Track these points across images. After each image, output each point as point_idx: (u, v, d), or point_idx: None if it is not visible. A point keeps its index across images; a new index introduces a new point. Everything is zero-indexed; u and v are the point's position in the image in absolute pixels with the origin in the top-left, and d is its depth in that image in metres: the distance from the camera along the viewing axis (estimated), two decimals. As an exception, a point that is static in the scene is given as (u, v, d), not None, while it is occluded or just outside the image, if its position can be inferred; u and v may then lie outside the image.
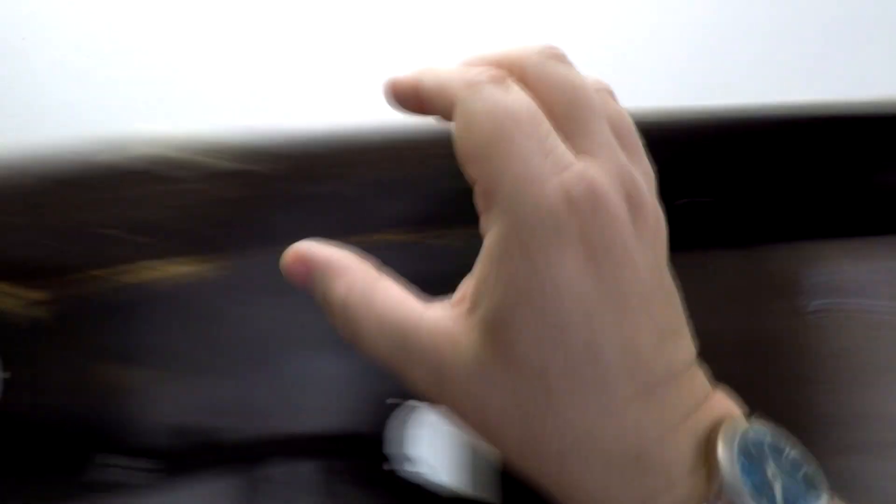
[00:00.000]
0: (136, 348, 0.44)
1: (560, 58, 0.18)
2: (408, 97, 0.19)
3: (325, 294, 0.18)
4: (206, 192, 0.27)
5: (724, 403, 0.17)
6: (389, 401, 0.49)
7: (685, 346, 0.17)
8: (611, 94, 0.19)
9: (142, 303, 0.45)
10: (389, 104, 0.19)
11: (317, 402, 0.48)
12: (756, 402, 0.17)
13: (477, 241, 0.18)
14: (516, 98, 0.16)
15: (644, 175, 0.17)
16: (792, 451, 0.16)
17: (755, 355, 0.33)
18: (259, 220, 0.38)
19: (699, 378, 0.17)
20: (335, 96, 1.22)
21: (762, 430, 0.16)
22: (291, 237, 0.45)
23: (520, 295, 0.15)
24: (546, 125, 0.16)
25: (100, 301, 0.43)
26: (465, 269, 0.18)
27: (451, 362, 0.16)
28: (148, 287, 0.44)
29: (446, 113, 0.17)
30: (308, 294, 0.18)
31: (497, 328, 0.15)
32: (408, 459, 0.48)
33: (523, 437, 0.16)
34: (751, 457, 0.15)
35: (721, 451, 0.15)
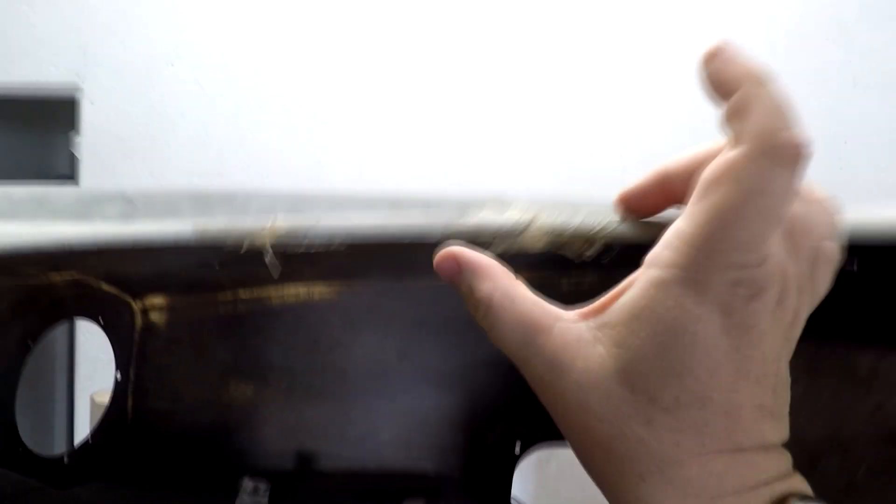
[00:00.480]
0: (265, 367, 0.46)
1: None
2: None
3: (471, 289, 0.20)
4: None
5: (800, 484, 0.18)
6: (517, 448, 0.48)
7: (780, 428, 0.18)
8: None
9: (273, 323, 0.47)
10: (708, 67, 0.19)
11: (424, 438, 0.48)
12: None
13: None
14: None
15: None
16: None
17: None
18: (397, 253, 0.39)
19: (785, 458, 0.18)
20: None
21: None
22: (426, 270, 0.47)
23: (663, 338, 0.17)
24: None
25: (240, 319, 0.45)
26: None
27: (568, 365, 0.18)
28: (284, 309, 0.46)
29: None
30: (452, 287, 0.20)
31: (631, 360, 0.17)
32: (509, 507, 0.48)
33: (612, 452, 0.17)
34: None
35: None
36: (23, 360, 0.34)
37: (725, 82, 0.17)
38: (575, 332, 0.18)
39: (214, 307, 0.46)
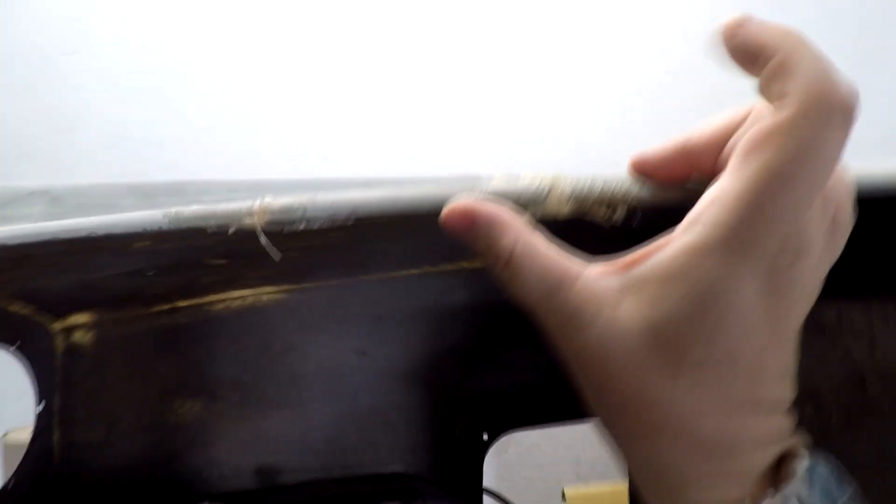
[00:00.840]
0: (212, 380, 0.43)
1: None
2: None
3: (490, 244, 0.19)
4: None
5: (800, 439, 0.19)
6: (486, 437, 0.47)
7: (792, 387, 0.20)
8: None
9: (218, 333, 0.43)
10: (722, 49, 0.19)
11: (391, 438, 0.46)
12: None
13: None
14: None
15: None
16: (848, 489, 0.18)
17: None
18: (353, 249, 0.37)
19: (792, 415, 0.19)
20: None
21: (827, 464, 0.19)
22: (381, 265, 0.45)
23: (700, 299, 0.17)
24: None
25: (181, 331, 0.41)
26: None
27: (591, 319, 0.18)
28: (229, 316, 0.43)
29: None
30: (464, 243, 0.19)
31: (662, 318, 0.17)
32: (485, 496, 0.47)
33: (630, 405, 0.17)
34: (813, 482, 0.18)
35: (796, 466, 0.18)
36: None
37: (759, 47, 0.17)
38: (601, 285, 0.18)
39: (150, 320, 0.42)
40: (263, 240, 0.15)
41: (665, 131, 0.20)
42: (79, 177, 1.14)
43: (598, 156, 1.34)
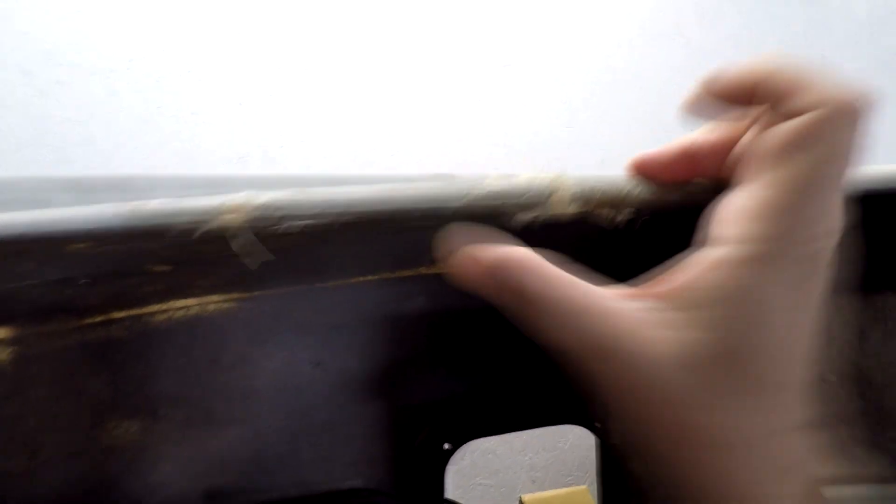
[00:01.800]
0: (153, 397, 0.39)
1: None
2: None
3: (500, 287, 0.18)
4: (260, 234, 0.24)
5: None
6: (446, 446, 0.46)
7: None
8: None
9: (159, 346, 0.40)
10: (702, 105, 0.19)
11: (350, 452, 0.44)
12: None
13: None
14: None
15: None
16: None
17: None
18: (309, 254, 0.35)
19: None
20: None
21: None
22: (337, 271, 0.43)
23: (745, 319, 0.16)
24: None
25: (116, 345, 0.38)
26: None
27: (627, 346, 0.17)
28: (171, 327, 0.40)
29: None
30: (473, 294, 0.18)
31: (708, 344, 0.16)
32: (446, 509, 0.45)
33: (677, 435, 0.17)
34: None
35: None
36: None
37: (754, 79, 0.17)
38: (629, 313, 0.17)
39: (80, 334, 0.38)
40: (241, 244, 0.13)
41: (660, 134, 0.20)
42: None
43: (585, 157, 1.38)
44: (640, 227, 0.18)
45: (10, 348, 0.37)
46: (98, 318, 0.38)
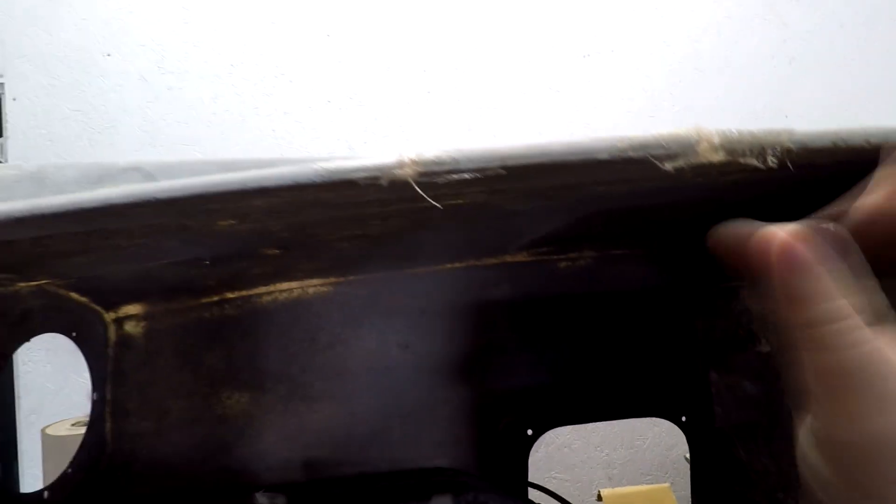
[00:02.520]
0: (259, 372, 0.42)
1: None
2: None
3: (804, 299, 0.16)
4: (363, 214, 0.25)
5: None
6: (529, 432, 0.46)
7: None
8: None
9: (265, 326, 0.43)
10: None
11: (436, 433, 0.46)
12: None
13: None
14: None
15: None
16: None
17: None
18: (405, 239, 0.37)
19: None
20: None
21: None
22: (428, 257, 0.44)
23: None
24: None
25: (229, 323, 0.41)
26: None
27: None
28: (276, 308, 0.43)
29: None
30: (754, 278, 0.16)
31: None
32: (530, 489, 0.46)
33: None
34: None
35: None
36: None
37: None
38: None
39: (199, 312, 0.42)
40: (418, 189, 0.15)
41: (751, 124, 0.19)
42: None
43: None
44: (792, 171, 0.17)
45: (142, 322, 0.42)
46: (214, 298, 0.42)
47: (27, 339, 0.32)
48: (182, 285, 0.39)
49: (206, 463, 0.41)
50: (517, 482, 0.47)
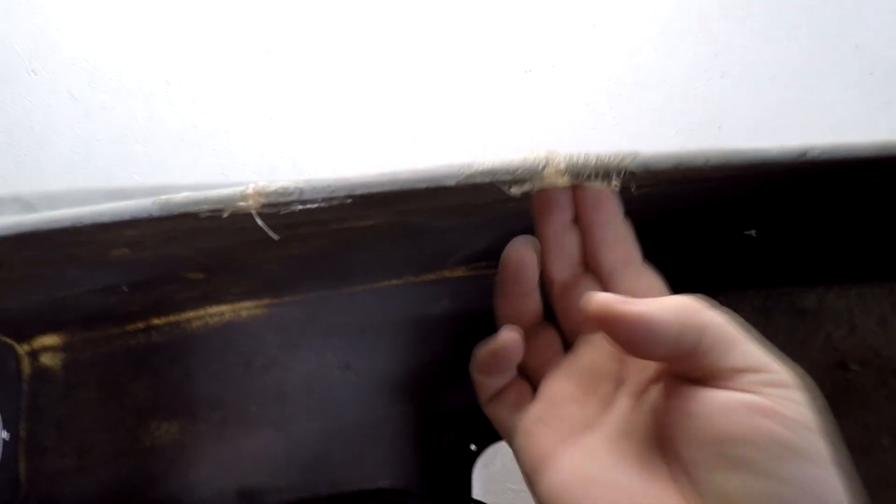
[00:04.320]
0: (190, 400, 0.41)
1: None
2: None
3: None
4: (293, 236, 0.25)
5: None
6: (473, 447, 0.46)
7: None
8: None
9: (196, 351, 0.42)
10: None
11: (378, 452, 0.45)
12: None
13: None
14: None
15: None
16: None
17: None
18: (335, 259, 0.37)
19: None
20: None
21: None
22: (363, 275, 0.44)
23: None
24: None
25: (156, 350, 0.40)
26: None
27: None
28: (207, 333, 0.41)
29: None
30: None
31: None
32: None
33: None
34: None
35: None
36: None
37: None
38: None
39: (123, 340, 0.40)
40: (259, 221, 0.15)
41: (686, 134, 0.20)
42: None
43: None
44: (638, 196, 0.18)
45: (60, 354, 0.39)
46: (139, 325, 0.40)
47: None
48: (102, 313, 0.37)
49: (134, 498, 0.40)
50: (461, 499, 0.47)
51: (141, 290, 0.34)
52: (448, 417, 0.48)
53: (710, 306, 0.19)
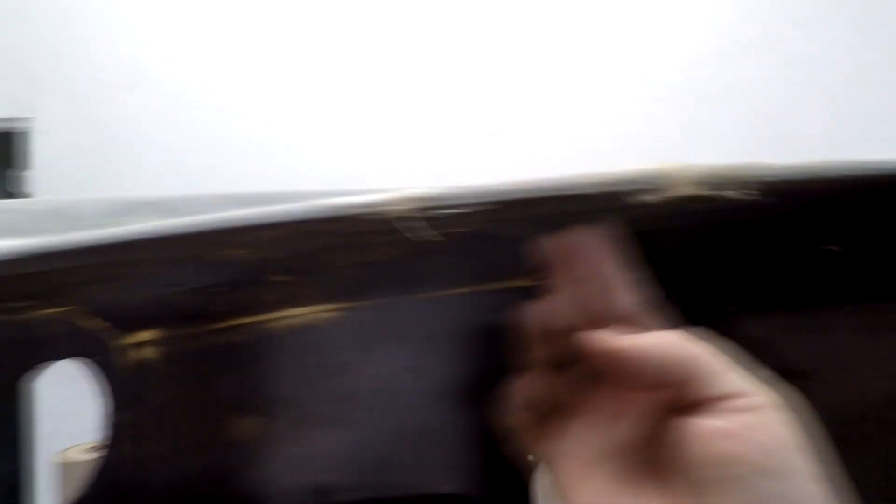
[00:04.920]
0: (269, 398, 0.43)
1: None
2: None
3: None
4: (370, 244, 0.26)
5: None
6: (530, 457, 0.46)
7: None
8: None
9: (276, 351, 0.44)
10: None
11: (445, 458, 0.46)
12: None
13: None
14: None
15: None
16: None
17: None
18: (410, 266, 0.38)
19: None
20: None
21: None
22: (434, 283, 0.45)
23: None
24: None
25: (240, 349, 0.42)
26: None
27: None
28: (286, 334, 0.44)
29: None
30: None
31: None
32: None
33: None
34: None
35: None
36: (14, 407, 0.30)
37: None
38: None
39: (211, 337, 0.43)
40: (417, 228, 0.16)
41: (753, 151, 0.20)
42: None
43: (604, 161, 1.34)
44: (767, 207, 0.18)
45: (158, 347, 0.43)
46: (227, 323, 0.43)
47: (49, 365, 0.33)
48: (196, 311, 0.40)
49: (218, 488, 0.42)
50: (525, 509, 0.47)
51: (233, 291, 0.37)
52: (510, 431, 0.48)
53: (699, 339, 0.20)
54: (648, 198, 0.17)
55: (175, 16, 1.18)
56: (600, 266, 0.23)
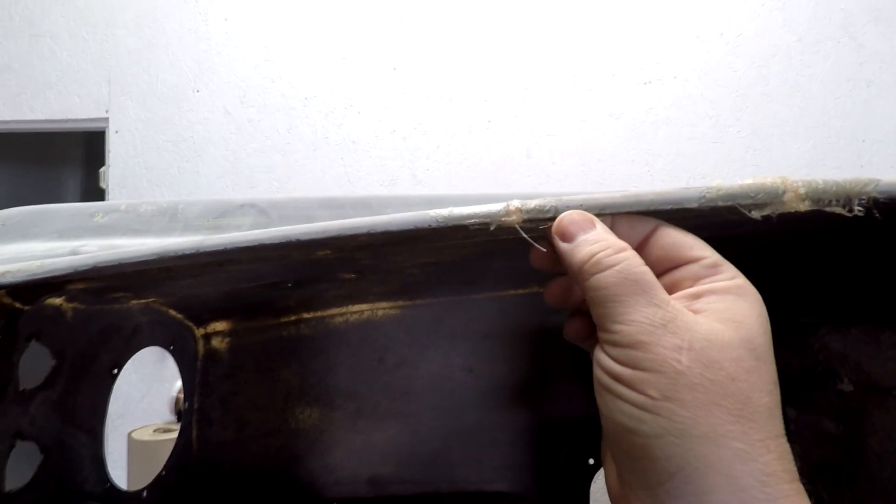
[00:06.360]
0: (330, 389, 0.45)
1: None
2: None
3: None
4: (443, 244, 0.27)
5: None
6: (591, 462, 0.46)
7: None
8: None
9: (337, 345, 0.46)
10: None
11: (496, 457, 0.46)
12: None
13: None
14: None
15: None
16: None
17: None
18: (471, 267, 0.38)
19: None
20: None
21: None
22: (491, 284, 0.46)
23: None
24: None
25: (304, 342, 0.44)
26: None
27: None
28: (347, 329, 0.45)
29: None
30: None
31: None
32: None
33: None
34: None
35: None
36: (109, 390, 0.32)
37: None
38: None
39: (277, 330, 0.45)
40: (523, 235, 0.17)
41: (824, 151, 0.19)
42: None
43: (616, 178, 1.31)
44: (881, 219, 0.18)
45: (227, 339, 0.45)
46: (292, 318, 0.45)
47: (137, 351, 0.35)
48: (264, 305, 0.42)
49: (280, 473, 0.44)
50: (578, 512, 0.47)
51: (301, 287, 0.38)
52: (564, 428, 0.48)
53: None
54: (757, 213, 0.16)
55: (236, 22, 1.22)
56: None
